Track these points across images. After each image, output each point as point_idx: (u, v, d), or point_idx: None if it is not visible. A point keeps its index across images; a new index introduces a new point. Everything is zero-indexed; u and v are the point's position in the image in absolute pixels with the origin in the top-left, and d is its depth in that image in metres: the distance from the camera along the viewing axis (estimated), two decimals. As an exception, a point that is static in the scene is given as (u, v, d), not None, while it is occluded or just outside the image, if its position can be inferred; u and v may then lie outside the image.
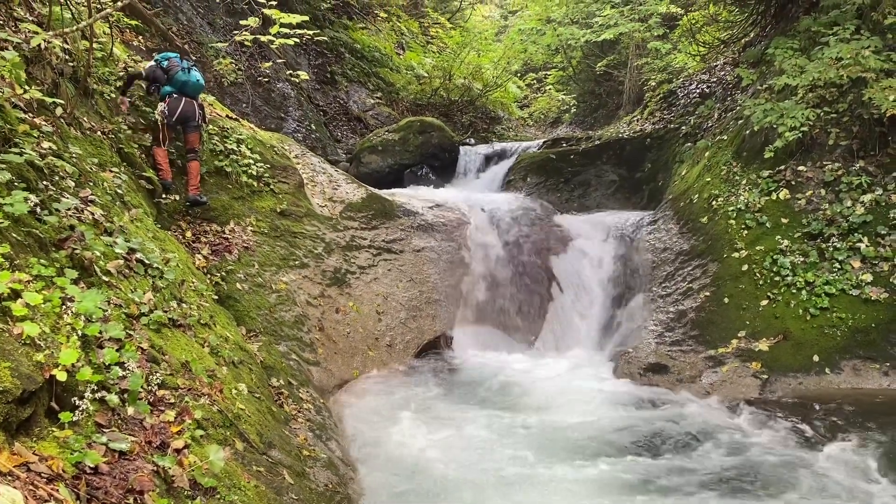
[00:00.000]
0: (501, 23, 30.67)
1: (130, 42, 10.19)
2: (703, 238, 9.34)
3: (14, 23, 5.96)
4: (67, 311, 3.46)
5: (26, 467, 2.56)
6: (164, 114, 7.52)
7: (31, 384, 2.80)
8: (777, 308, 8.02)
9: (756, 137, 9.42)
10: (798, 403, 7.05)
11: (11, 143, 4.22)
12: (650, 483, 5.76)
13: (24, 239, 3.65)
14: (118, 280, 4.50)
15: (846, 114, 8.68)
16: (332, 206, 9.69)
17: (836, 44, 8.51)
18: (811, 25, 9.40)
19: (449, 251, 10.18)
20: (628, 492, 5.64)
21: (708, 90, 13.79)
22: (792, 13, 11.16)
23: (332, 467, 5.47)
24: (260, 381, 5.84)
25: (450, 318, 9.61)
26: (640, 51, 17.32)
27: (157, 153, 7.54)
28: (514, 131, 22.13)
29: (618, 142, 14.29)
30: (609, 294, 10.02)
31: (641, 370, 8.20)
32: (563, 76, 26.05)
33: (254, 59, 14.97)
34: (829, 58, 8.46)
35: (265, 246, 8.26)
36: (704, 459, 6.17)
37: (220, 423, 4.33)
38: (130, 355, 3.76)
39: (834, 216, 8.26)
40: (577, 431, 6.77)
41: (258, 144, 9.17)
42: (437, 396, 7.86)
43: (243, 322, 7.16)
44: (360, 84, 19.28)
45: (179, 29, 13.53)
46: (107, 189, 5.57)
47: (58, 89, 5.96)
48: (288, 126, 15.01)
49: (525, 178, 14.05)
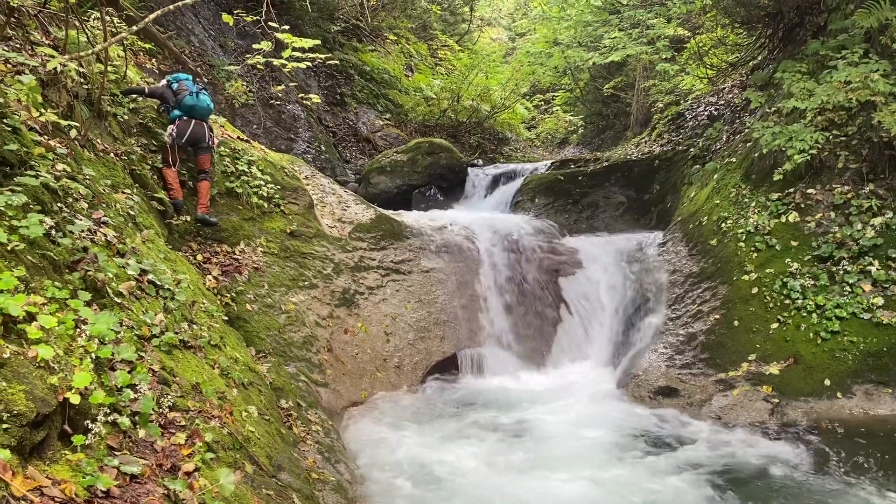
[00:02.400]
0: (509, 45, 30.92)
1: (144, 64, 10.31)
2: (712, 260, 9.32)
3: (31, 46, 6.05)
4: (81, 334, 3.48)
5: (39, 491, 2.56)
6: (174, 136, 7.60)
7: (45, 407, 2.81)
8: (787, 331, 7.98)
9: (765, 160, 9.43)
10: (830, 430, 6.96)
11: (27, 166, 4.27)
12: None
13: (38, 261, 3.68)
14: (130, 301, 4.53)
15: (855, 137, 8.68)
16: (342, 227, 9.73)
17: (845, 67, 8.54)
18: (819, 49, 9.45)
19: (457, 272, 10.18)
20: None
21: (716, 112, 13.82)
22: (800, 37, 11.21)
23: (341, 490, 5.45)
24: (269, 403, 5.84)
25: (458, 340, 9.59)
26: (647, 72, 17.41)
27: (166, 174, 7.61)
28: (521, 152, 22.22)
29: (626, 163, 14.31)
30: (618, 316, 9.99)
31: (651, 393, 8.15)
32: (570, 97, 26.20)
33: (265, 82, 15.12)
34: (837, 81, 8.49)
35: (275, 266, 8.29)
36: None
37: (231, 446, 4.32)
38: (142, 377, 3.77)
39: (844, 239, 8.23)
40: (587, 456, 6.73)
41: (269, 166, 9.23)
42: (445, 418, 7.82)
43: (253, 343, 7.17)
44: (370, 105, 19.43)
45: (192, 51, 13.69)
46: (119, 210, 5.62)
47: (72, 112, 6.03)
48: (298, 147, 15.12)
49: (533, 199, 14.07)
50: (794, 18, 11.40)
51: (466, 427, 7.56)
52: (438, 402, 8.35)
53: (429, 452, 6.82)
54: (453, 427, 7.55)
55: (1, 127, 4.19)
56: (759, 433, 7.09)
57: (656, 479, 6.22)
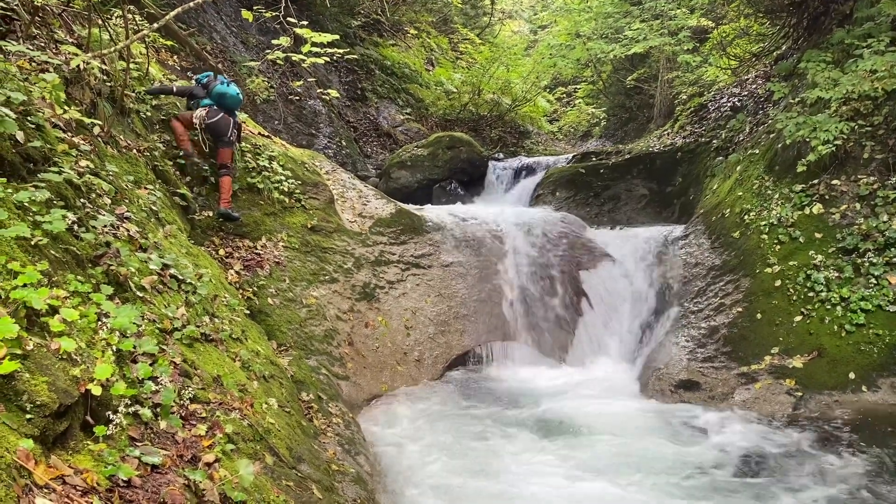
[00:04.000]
0: (530, 38, 30.77)
1: (166, 62, 10.42)
2: (735, 253, 9.23)
3: (55, 45, 6.14)
4: (103, 327, 3.54)
5: (62, 480, 2.62)
6: (203, 118, 7.75)
7: (67, 398, 2.87)
8: (811, 324, 7.89)
9: (788, 151, 9.31)
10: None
11: (51, 162, 4.35)
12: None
13: (62, 256, 3.75)
14: (152, 295, 4.59)
15: (881, 127, 8.54)
16: (362, 222, 9.77)
17: (871, 56, 8.40)
18: (844, 38, 9.30)
19: (477, 266, 10.19)
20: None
21: (739, 104, 13.67)
22: (825, 26, 11.05)
23: (361, 482, 5.49)
24: (290, 396, 5.89)
25: (478, 334, 9.61)
26: (670, 64, 17.25)
27: (175, 127, 7.81)
28: (543, 145, 22.13)
29: (648, 156, 14.21)
30: (640, 309, 9.94)
31: (672, 387, 8.11)
32: (592, 90, 26.04)
33: (286, 77, 15.21)
34: (863, 70, 8.36)
35: (296, 261, 8.35)
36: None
37: (251, 438, 4.37)
38: (163, 370, 3.83)
39: (869, 231, 8.11)
40: (606, 450, 6.71)
41: (290, 161, 9.29)
42: (465, 412, 7.85)
43: (274, 336, 7.23)
44: (390, 100, 19.47)
45: (213, 48, 13.81)
46: (142, 206, 5.70)
47: (95, 109, 6.12)
48: (319, 142, 15.20)
49: (554, 192, 14.03)
50: (819, 7, 11.24)
51: (486, 421, 7.57)
52: (458, 395, 8.38)
53: (449, 445, 6.84)
54: (473, 421, 7.56)
55: (25, 124, 4.27)
56: (782, 427, 7.02)
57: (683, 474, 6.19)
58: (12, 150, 3.97)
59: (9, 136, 3.95)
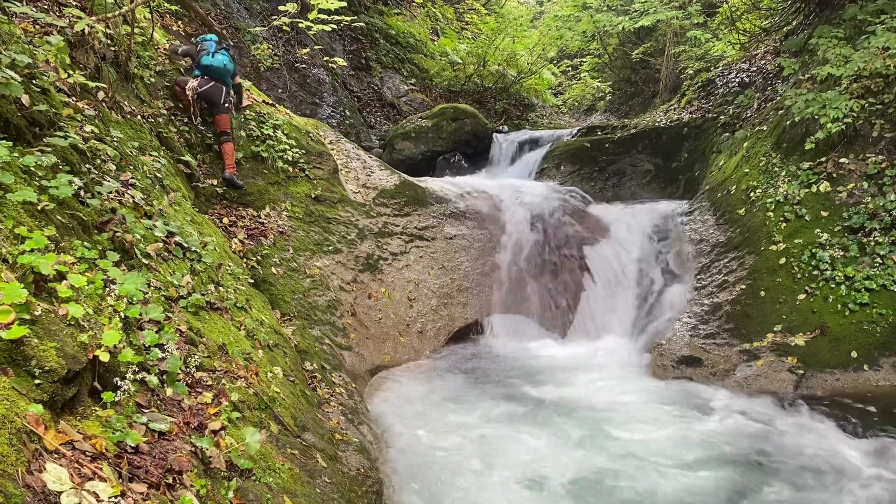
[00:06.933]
0: (537, 9, 30.45)
1: (170, 26, 10.30)
2: (739, 230, 9.20)
3: (59, 7, 6.06)
4: (110, 293, 3.53)
5: (71, 445, 2.62)
6: (195, 89, 7.84)
7: (75, 364, 2.86)
8: (815, 302, 7.88)
9: (797, 128, 9.23)
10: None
11: (56, 127, 4.30)
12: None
13: (68, 221, 3.72)
14: (157, 263, 4.58)
15: (892, 105, 8.46)
16: (366, 193, 9.73)
17: (883, 33, 8.29)
18: (857, 14, 9.18)
19: (481, 239, 10.16)
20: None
21: (748, 79, 13.53)
22: (837, 1, 10.90)
23: (364, 451, 5.52)
24: (294, 365, 5.90)
25: (481, 306, 9.61)
26: (677, 38, 17.07)
27: (178, 93, 7.95)
28: (547, 119, 21.98)
29: (654, 131, 14.10)
30: (643, 285, 9.92)
31: (674, 362, 8.12)
32: (598, 63, 25.81)
33: (290, 45, 15.04)
34: (875, 47, 8.26)
35: (300, 231, 8.33)
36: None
37: (256, 406, 4.39)
38: (169, 337, 3.82)
39: (876, 210, 8.07)
40: (603, 422, 6.75)
41: (294, 130, 9.22)
42: (467, 384, 7.87)
43: (278, 306, 7.24)
44: (395, 70, 19.28)
45: (217, 13, 13.64)
46: (146, 173, 5.66)
47: (100, 73, 6.05)
48: (322, 112, 15.09)
49: (559, 166, 13.94)
50: (832, -18, 11.08)
51: (488, 393, 7.60)
52: (460, 367, 8.40)
53: (450, 416, 6.88)
54: (475, 393, 7.59)
55: (30, 87, 4.22)
56: (783, 404, 7.04)
57: (685, 450, 6.22)
58: (18, 114, 3.92)
59: (14, 99, 3.90)
